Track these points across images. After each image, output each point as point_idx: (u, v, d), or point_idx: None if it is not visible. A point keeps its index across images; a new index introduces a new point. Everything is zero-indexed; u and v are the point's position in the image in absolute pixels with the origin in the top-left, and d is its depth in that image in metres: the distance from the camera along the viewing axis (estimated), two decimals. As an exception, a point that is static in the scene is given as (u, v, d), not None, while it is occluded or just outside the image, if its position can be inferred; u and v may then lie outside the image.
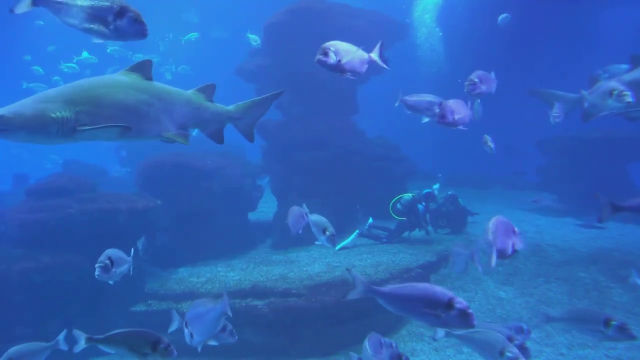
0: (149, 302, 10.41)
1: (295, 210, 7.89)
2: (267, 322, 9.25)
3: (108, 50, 22.78)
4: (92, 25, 4.12)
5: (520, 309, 9.76)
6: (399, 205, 12.60)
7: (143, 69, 5.01)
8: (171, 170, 12.98)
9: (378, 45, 5.65)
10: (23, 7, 4.18)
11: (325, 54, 5.30)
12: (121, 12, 4.06)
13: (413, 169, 17.07)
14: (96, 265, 6.95)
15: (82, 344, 5.38)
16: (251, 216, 14.73)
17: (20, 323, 9.68)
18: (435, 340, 7.66)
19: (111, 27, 4.10)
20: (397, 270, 10.33)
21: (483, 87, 6.11)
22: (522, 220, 14.27)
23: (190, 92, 5.41)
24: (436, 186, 13.55)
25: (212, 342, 5.69)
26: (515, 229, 4.73)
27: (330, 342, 9.02)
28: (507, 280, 10.65)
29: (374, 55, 5.67)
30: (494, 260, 4.59)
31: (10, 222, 10.67)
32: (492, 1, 20.10)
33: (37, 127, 4.11)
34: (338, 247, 12.41)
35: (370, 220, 13.18)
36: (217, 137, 5.64)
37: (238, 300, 9.75)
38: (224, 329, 6.05)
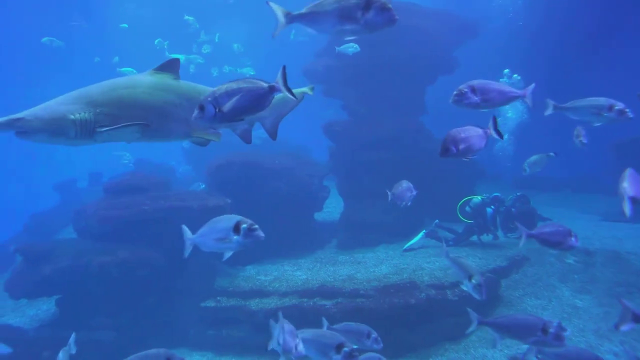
0: (218, 298, 10.61)
1: (403, 183, 8.01)
2: (336, 322, 9.25)
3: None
4: (343, 27, 4.18)
5: (599, 320, 9.23)
6: (467, 208, 12.36)
7: (171, 68, 5.00)
8: (240, 170, 13.21)
9: (492, 120, 5.23)
10: (280, 29, 4.34)
11: (447, 149, 5.14)
12: (368, 5, 4.02)
13: (481, 171, 16.75)
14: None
15: None
16: (317, 216, 14.80)
17: (98, 313, 10.09)
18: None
19: (361, 22, 4.08)
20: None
21: (476, 99, 5.12)
22: (598, 226, 13.73)
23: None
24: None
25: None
26: None
27: (398, 344, 8.96)
28: (584, 288, 10.21)
29: (491, 129, 5.22)
30: (627, 208, 4.41)
31: (91, 217, 11.12)
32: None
33: (56, 130, 4.21)
34: (404, 247, 12.33)
35: (437, 221, 13.00)
36: (247, 136, 5.59)
37: (306, 300, 9.84)
38: (368, 335, 6.06)
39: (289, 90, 4.08)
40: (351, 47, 13.70)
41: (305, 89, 5.36)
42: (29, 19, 25.73)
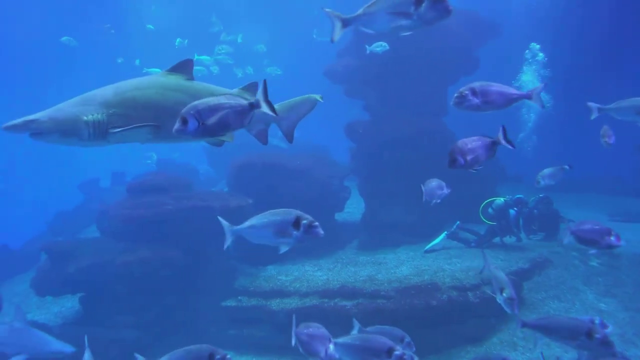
0: (239, 298, 10.68)
1: (432, 181, 8.03)
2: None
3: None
4: (398, 23, 4.17)
5: (624, 325, 9.07)
6: (490, 210, 12.25)
7: (184, 69, 5.00)
8: (261, 170, 13.27)
9: (501, 130, 5.15)
10: (338, 34, 4.38)
11: (454, 160, 5.11)
12: None
13: (503, 172, 16.63)
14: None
15: None
16: (338, 217, 14.79)
17: (121, 311, 10.20)
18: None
19: (414, 17, 4.08)
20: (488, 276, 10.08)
21: (476, 101, 5.05)
22: (623, 228, 13.47)
23: (234, 91, 5.23)
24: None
25: None
26: None
27: (420, 346, 8.89)
28: (608, 292, 10.06)
29: (501, 139, 5.21)
30: None
31: (114, 217, 11.24)
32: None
33: (69, 130, 4.25)
34: (426, 248, 12.28)
35: (458, 222, 12.91)
36: (263, 137, 5.54)
37: (326, 300, 9.86)
38: (402, 339, 6.04)
39: (270, 107, 4.02)
40: (380, 46, 13.68)
41: (316, 96, 5.35)
42: (50, 20, 25.92)
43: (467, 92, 5.05)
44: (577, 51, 23.43)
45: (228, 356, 4.93)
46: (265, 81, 4.04)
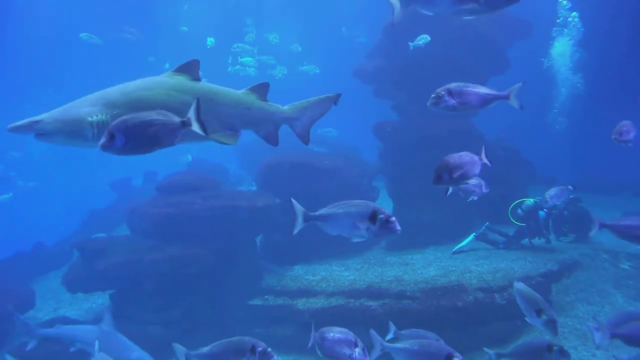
0: (266, 297, 10.75)
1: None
2: (381, 323, 9.23)
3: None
4: (462, 6, 4.13)
5: (656, 329, 8.94)
6: (519, 211, 12.09)
7: (190, 69, 4.97)
8: (290, 170, 13.29)
9: (483, 148, 5.13)
10: (398, 15, 4.38)
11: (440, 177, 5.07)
12: None
13: (533, 173, 16.40)
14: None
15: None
16: (366, 217, 14.73)
17: (149, 309, 10.36)
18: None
19: (481, 1, 4.05)
20: (515, 278, 9.96)
21: (453, 102, 5.09)
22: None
23: (241, 92, 5.27)
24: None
25: None
26: None
27: (446, 347, 8.87)
28: (639, 295, 9.90)
29: (484, 158, 5.25)
30: None
31: (143, 215, 11.43)
32: None
33: (74, 131, 4.28)
34: (454, 249, 12.19)
35: (487, 223, 12.79)
36: (271, 138, 5.48)
37: (352, 300, 9.87)
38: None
39: (202, 126, 3.91)
40: (422, 39, 13.63)
41: (333, 96, 5.33)
42: (76, 18, 26.15)
43: (443, 92, 5.10)
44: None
45: (269, 349, 4.92)
46: (198, 99, 3.90)
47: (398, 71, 14.82)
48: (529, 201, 12.18)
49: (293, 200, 4.97)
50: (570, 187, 9.56)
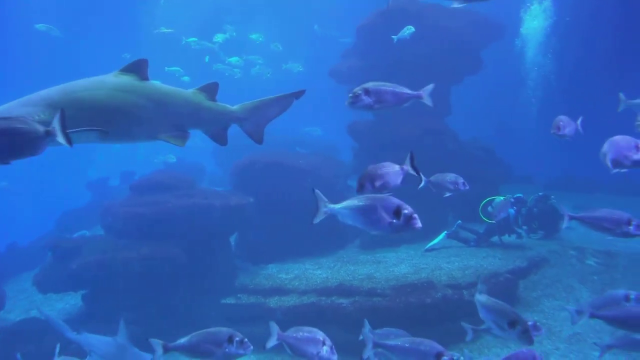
0: (239, 295, 10.79)
1: (448, 175, 7.73)
2: (352, 321, 9.33)
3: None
4: None
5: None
6: (489, 208, 12.27)
7: (138, 69, 4.89)
8: (263, 169, 13.32)
9: (408, 157, 5.21)
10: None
11: (362, 186, 5.07)
12: None
13: (508, 173, 16.60)
14: None
15: (160, 353, 5.23)
16: (341, 216, 14.81)
17: (122, 307, 10.32)
18: None
19: None
20: (484, 275, 10.11)
21: (370, 100, 5.18)
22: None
23: (189, 92, 5.23)
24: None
25: None
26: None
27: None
28: (603, 291, 10.09)
29: (407, 167, 5.17)
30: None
31: (116, 215, 11.41)
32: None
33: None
34: (426, 247, 12.33)
35: (459, 221, 12.95)
36: (219, 138, 5.44)
37: (324, 298, 9.94)
38: None
39: (66, 138, 3.64)
40: (407, 30, 13.76)
41: (293, 94, 5.40)
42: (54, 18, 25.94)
43: (360, 92, 5.20)
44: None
45: (246, 339, 5.02)
46: (62, 110, 3.67)
47: (373, 71, 14.93)
48: (499, 199, 12.36)
49: (316, 191, 4.94)
50: (512, 199, 10.92)
